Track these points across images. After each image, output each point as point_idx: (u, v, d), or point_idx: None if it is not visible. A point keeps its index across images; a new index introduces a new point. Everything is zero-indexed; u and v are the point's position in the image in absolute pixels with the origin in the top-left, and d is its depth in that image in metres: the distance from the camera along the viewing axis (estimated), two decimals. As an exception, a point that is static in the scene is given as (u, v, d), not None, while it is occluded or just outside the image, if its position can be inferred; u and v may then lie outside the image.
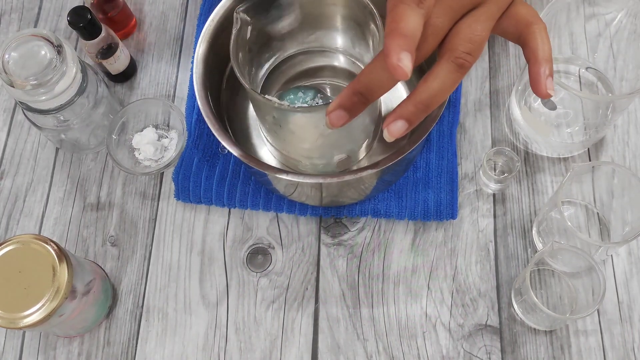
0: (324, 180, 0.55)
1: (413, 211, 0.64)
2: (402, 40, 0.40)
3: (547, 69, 0.46)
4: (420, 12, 0.41)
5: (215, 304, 0.63)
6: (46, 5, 0.79)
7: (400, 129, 0.44)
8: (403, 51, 0.39)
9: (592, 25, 0.69)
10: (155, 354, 0.62)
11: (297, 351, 0.61)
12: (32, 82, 0.57)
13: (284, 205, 0.65)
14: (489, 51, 0.73)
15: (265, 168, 0.56)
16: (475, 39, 0.44)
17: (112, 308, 0.64)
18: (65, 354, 0.62)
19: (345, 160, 0.61)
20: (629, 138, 0.68)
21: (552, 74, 0.46)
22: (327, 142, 0.57)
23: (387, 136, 0.45)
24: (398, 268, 0.64)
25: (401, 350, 0.61)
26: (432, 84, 0.44)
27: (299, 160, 0.62)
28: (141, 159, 0.69)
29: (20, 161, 0.70)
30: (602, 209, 0.64)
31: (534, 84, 0.46)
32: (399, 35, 0.40)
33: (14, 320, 0.52)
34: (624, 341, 0.60)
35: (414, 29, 0.40)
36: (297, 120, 0.55)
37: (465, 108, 0.70)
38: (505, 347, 0.61)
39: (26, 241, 0.54)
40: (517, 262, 0.64)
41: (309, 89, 0.62)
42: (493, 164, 0.66)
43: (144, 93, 0.73)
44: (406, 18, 0.40)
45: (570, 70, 0.70)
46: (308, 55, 0.66)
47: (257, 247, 0.65)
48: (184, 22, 0.77)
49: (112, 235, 0.67)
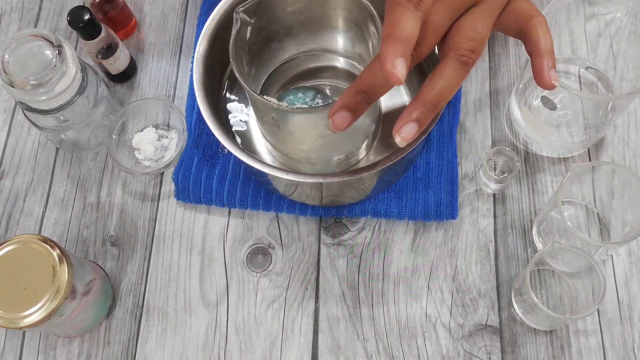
0: (324, 180, 0.55)
1: (413, 211, 0.64)
2: (397, 46, 0.40)
3: (550, 61, 0.46)
4: (417, 15, 0.41)
5: (215, 304, 0.63)
6: (46, 5, 0.79)
7: (412, 131, 0.44)
8: (398, 57, 0.40)
9: (592, 25, 0.69)
10: (155, 354, 0.62)
11: (297, 351, 0.61)
12: (32, 82, 0.57)
13: (284, 205, 0.65)
14: (489, 51, 0.73)
15: (266, 168, 0.56)
16: (477, 36, 0.45)
17: (112, 308, 0.64)
18: (65, 354, 0.62)
19: (344, 161, 0.61)
20: (629, 138, 0.68)
21: (555, 65, 0.46)
22: (326, 143, 0.57)
23: (399, 142, 0.45)
24: (398, 268, 0.64)
25: (401, 350, 0.61)
26: (438, 83, 0.44)
27: (298, 161, 0.62)
28: (141, 159, 0.69)
29: (20, 161, 0.70)
30: (602, 209, 0.64)
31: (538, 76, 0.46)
32: (395, 40, 0.40)
33: (14, 320, 0.52)
34: (624, 341, 0.60)
35: (411, 32, 0.41)
36: (296, 121, 0.54)
37: (465, 108, 0.70)
38: (505, 347, 0.61)
39: (26, 241, 0.54)
40: (517, 262, 0.64)
41: (309, 90, 0.62)
42: (493, 164, 0.66)
43: (144, 93, 0.73)
44: (403, 22, 0.40)
45: (570, 70, 0.70)
46: (308, 56, 0.66)
47: (257, 247, 0.65)
48: (184, 22, 0.77)
49: (112, 235, 0.67)
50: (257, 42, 0.60)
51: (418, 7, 0.41)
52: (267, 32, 0.60)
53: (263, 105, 0.52)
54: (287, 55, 0.66)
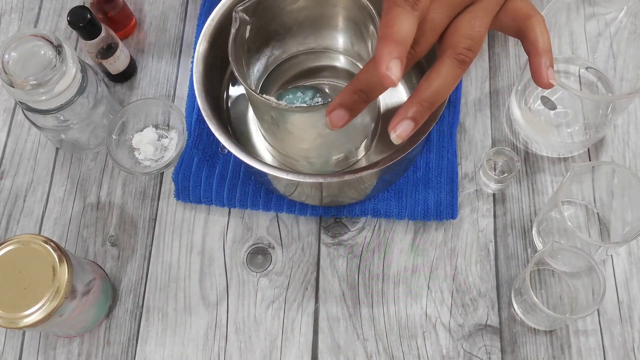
0: (324, 179, 0.55)
1: (413, 211, 0.64)
2: (392, 47, 0.40)
3: (548, 60, 0.46)
4: (414, 15, 0.41)
5: (215, 303, 0.63)
6: (46, 5, 0.79)
7: (407, 129, 0.44)
8: (393, 59, 0.39)
9: (592, 25, 0.69)
10: (155, 354, 0.62)
11: (297, 351, 0.61)
12: (32, 82, 0.57)
13: (284, 205, 0.65)
14: (489, 51, 0.73)
15: (266, 167, 0.56)
16: (474, 35, 0.44)
17: (112, 308, 0.64)
18: (65, 354, 0.62)
19: (343, 160, 0.61)
20: (629, 138, 0.68)
21: (553, 64, 0.46)
22: (325, 142, 0.57)
23: (394, 139, 0.44)
24: (398, 268, 0.64)
25: (401, 350, 0.61)
26: (435, 82, 0.43)
27: (297, 160, 0.62)
28: (141, 159, 0.69)
29: (20, 161, 0.70)
30: (602, 209, 0.64)
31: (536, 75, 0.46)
32: (391, 41, 0.40)
33: (14, 320, 0.52)
34: (624, 341, 0.60)
35: (406, 33, 0.40)
36: (294, 120, 0.55)
37: (465, 108, 0.70)
38: (505, 347, 0.61)
39: (26, 241, 0.54)
40: (517, 262, 0.64)
41: (308, 89, 0.62)
42: (493, 163, 0.66)
43: (144, 93, 0.73)
44: (399, 22, 0.40)
45: (570, 70, 0.70)
46: (308, 55, 0.66)
47: (257, 247, 0.65)
48: (184, 22, 0.77)
49: (112, 235, 0.67)
50: (257, 42, 0.60)
51: (415, 7, 0.41)
52: (266, 32, 0.60)
53: (262, 104, 0.52)
54: (286, 54, 0.66)
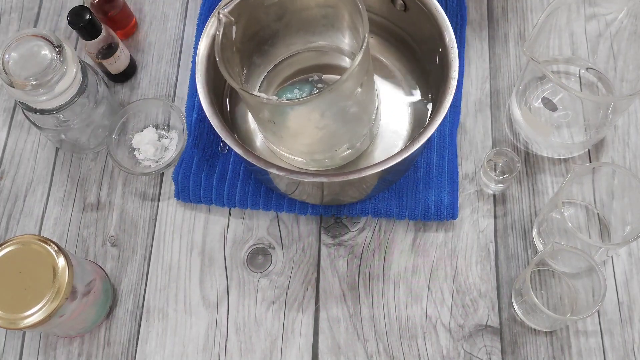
0: (327, 179, 0.55)
1: (413, 211, 0.64)
2: None
3: None
4: None
5: (215, 304, 0.63)
6: (46, 5, 0.79)
7: None
8: None
9: (593, 26, 0.69)
10: (156, 354, 0.62)
11: (298, 351, 0.61)
12: (32, 82, 0.57)
13: (284, 204, 0.65)
14: (490, 52, 0.73)
15: (267, 165, 0.55)
16: None
17: (112, 308, 0.64)
18: (66, 354, 0.62)
19: (349, 153, 0.61)
20: (629, 139, 0.68)
21: None
22: (326, 134, 0.57)
23: None
24: (398, 268, 0.64)
25: (401, 351, 0.61)
26: None
27: (301, 158, 0.62)
28: (141, 159, 0.69)
29: (20, 161, 0.70)
30: (602, 210, 0.64)
31: None
32: None
33: (15, 320, 0.52)
34: (624, 342, 0.60)
35: None
36: (288, 115, 0.54)
37: (466, 108, 0.70)
38: (505, 348, 0.61)
39: (26, 242, 0.54)
40: (517, 263, 0.64)
41: (305, 85, 0.62)
42: (493, 164, 0.66)
43: (144, 93, 0.73)
44: None
45: (570, 71, 0.70)
46: (303, 54, 0.66)
47: (257, 248, 0.65)
48: (184, 22, 0.76)
49: (112, 236, 0.67)
50: (246, 42, 0.60)
51: None
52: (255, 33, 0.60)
53: (253, 101, 0.52)
54: (282, 56, 0.66)
